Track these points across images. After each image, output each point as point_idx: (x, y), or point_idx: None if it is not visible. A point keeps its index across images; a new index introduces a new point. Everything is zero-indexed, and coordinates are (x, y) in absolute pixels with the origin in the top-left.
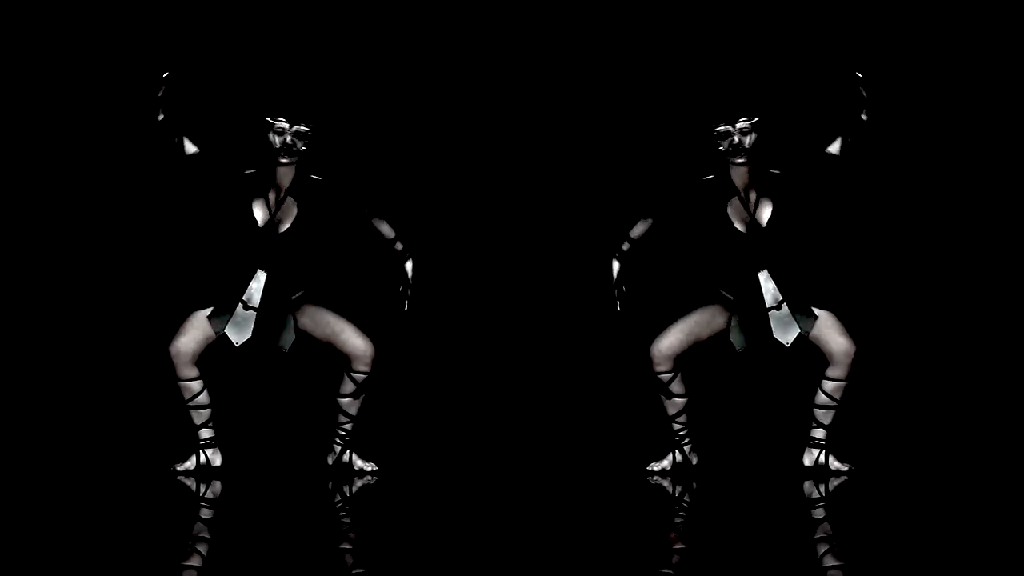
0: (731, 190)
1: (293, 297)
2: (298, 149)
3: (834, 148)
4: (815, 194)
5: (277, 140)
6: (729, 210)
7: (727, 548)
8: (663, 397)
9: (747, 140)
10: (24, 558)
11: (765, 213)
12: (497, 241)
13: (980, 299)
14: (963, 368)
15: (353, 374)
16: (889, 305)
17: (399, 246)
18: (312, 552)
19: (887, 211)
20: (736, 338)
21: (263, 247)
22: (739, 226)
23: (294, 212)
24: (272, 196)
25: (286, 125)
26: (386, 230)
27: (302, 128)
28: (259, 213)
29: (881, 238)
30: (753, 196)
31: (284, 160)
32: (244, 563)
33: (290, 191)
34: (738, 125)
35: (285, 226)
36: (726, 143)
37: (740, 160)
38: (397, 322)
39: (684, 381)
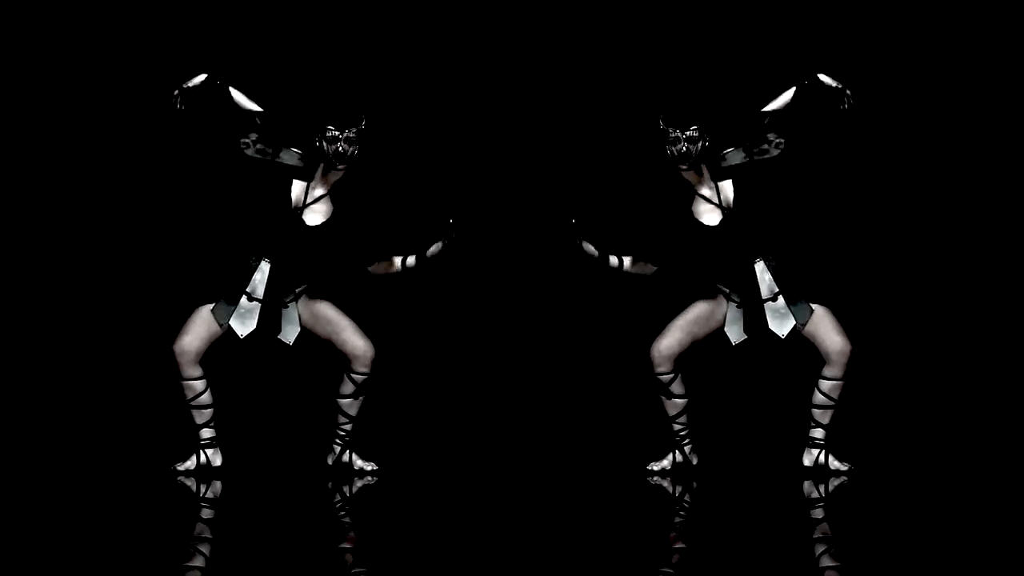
0: (689, 194)
1: (297, 290)
2: (351, 155)
3: (778, 102)
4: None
5: (329, 148)
6: (695, 211)
7: (727, 548)
8: (663, 397)
9: (695, 149)
10: (25, 558)
11: (730, 195)
12: (497, 241)
13: (979, 297)
14: (963, 367)
15: (353, 375)
16: (887, 303)
17: (411, 260)
18: (312, 552)
19: (884, 207)
20: (732, 332)
21: (280, 232)
22: (712, 219)
23: (329, 213)
24: (317, 187)
25: (337, 132)
26: (385, 266)
27: (352, 133)
28: (295, 193)
29: (878, 234)
30: (711, 187)
31: (340, 167)
32: (244, 563)
33: (333, 193)
34: (688, 132)
35: (317, 219)
36: (674, 149)
37: (684, 167)
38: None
39: (684, 381)
